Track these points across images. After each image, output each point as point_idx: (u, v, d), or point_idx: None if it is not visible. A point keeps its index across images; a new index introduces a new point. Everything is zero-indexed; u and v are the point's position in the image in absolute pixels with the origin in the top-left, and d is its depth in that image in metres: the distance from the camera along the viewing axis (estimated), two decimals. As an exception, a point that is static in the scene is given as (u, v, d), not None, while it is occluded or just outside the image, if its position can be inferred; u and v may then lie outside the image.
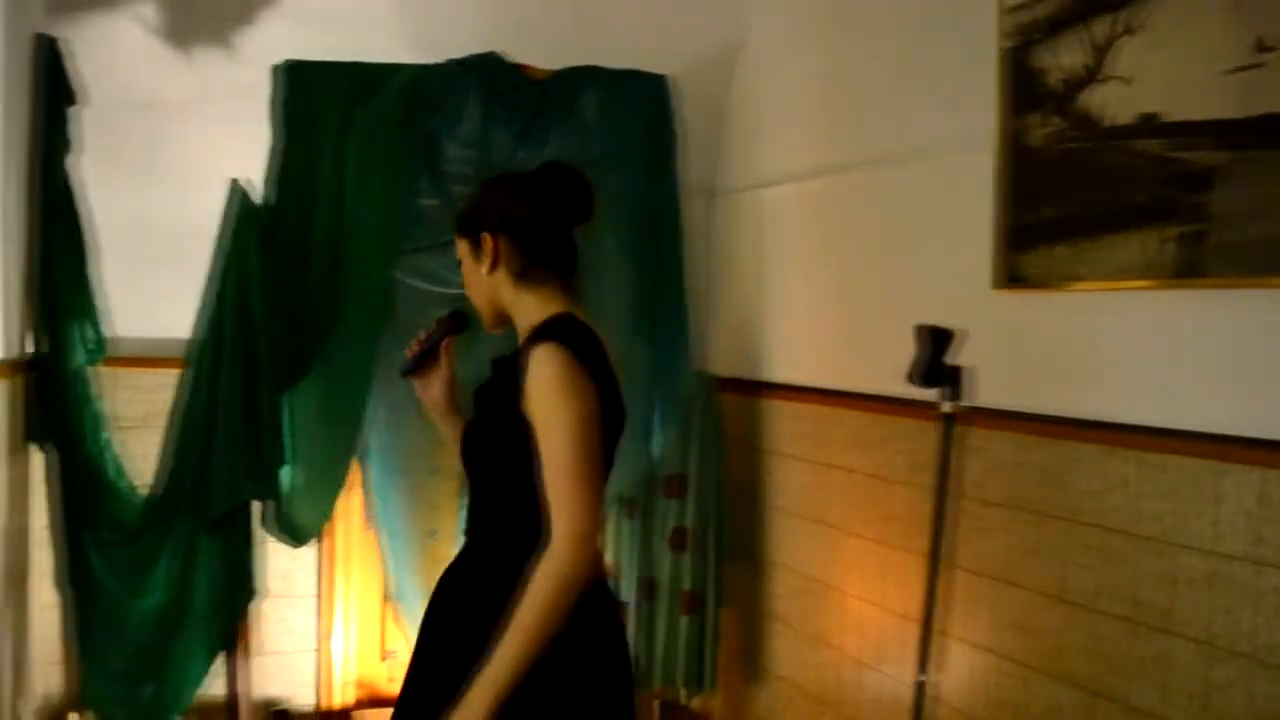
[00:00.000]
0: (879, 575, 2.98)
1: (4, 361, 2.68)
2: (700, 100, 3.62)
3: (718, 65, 3.73)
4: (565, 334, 1.78)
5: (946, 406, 2.09)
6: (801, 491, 3.37)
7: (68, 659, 3.21)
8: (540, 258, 1.89)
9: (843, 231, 3.22)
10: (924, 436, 2.79)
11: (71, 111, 3.05)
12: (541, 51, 3.33)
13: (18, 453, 2.93)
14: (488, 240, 1.89)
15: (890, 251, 2.98)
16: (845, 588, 3.14)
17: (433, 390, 2.08)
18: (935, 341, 2.09)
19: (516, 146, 3.28)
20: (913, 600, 2.82)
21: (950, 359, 2.13)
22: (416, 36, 3.36)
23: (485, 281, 1.92)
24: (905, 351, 2.83)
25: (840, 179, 3.19)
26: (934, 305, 2.66)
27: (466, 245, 1.95)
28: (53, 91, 2.97)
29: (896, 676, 2.87)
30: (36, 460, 3.11)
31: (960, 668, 2.62)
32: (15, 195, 2.80)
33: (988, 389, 2.50)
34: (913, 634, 2.81)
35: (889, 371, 2.93)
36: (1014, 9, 2.40)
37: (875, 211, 3.05)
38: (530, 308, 1.89)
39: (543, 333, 1.80)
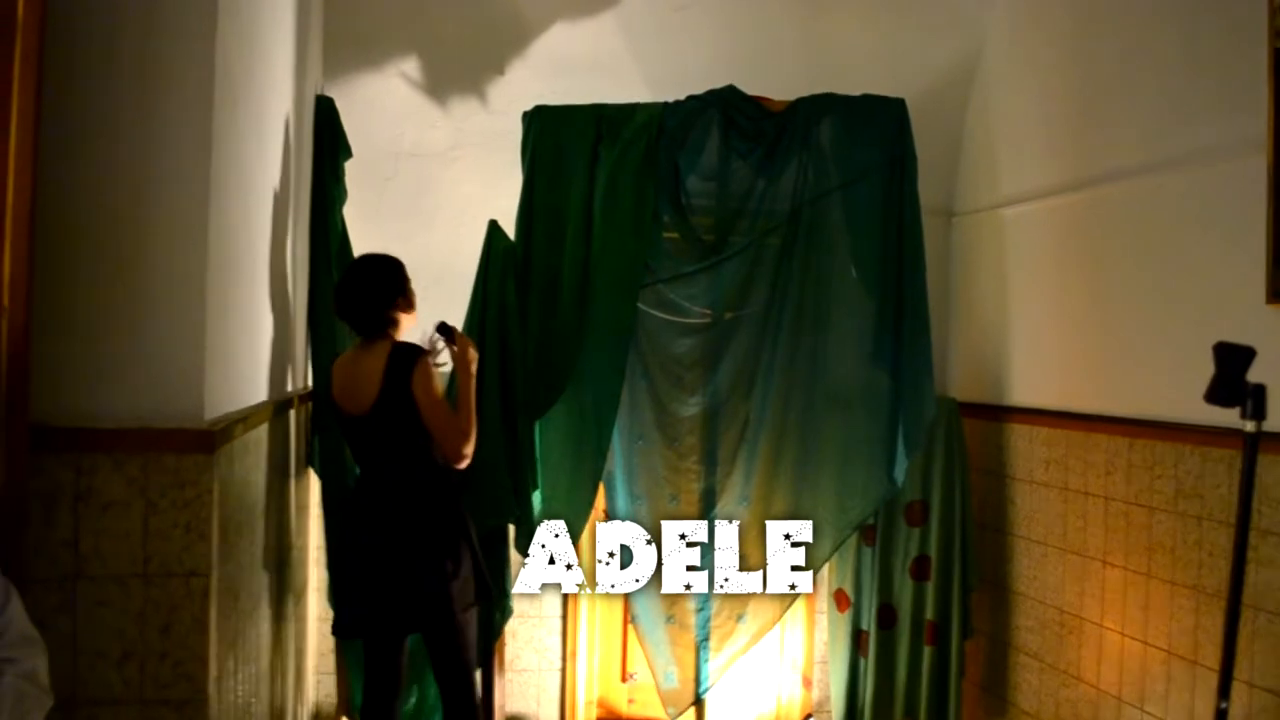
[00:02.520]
0: (1140, 608, 2.84)
1: (293, 394, 2.92)
2: (935, 120, 3.59)
3: (953, 83, 3.68)
4: None
5: (1249, 426, 1.97)
6: (1050, 519, 3.25)
7: (339, 669, 3.44)
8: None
9: (1095, 247, 3.11)
10: (1191, 461, 2.65)
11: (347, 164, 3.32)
12: (776, 82, 3.38)
13: (301, 476, 3.19)
14: None
15: (1150, 266, 2.86)
16: (1101, 620, 3.01)
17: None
18: (1233, 359, 1.98)
19: (755, 177, 3.34)
20: (1179, 634, 2.67)
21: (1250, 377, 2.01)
22: (655, 76, 3.49)
23: None
24: (1170, 372, 2.71)
25: (1091, 192, 3.09)
26: (1200, 322, 2.54)
27: None
28: (331, 147, 3.24)
29: (1160, 715, 2.72)
30: (314, 484, 3.38)
31: (1238, 708, 2.46)
32: (304, 245, 3.08)
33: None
34: (1180, 670, 2.66)
35: (1153, 393, 2.80)
36: (1287, 6, 2.29)
37: (1132, 225, 2.93)
38: None
39: None
